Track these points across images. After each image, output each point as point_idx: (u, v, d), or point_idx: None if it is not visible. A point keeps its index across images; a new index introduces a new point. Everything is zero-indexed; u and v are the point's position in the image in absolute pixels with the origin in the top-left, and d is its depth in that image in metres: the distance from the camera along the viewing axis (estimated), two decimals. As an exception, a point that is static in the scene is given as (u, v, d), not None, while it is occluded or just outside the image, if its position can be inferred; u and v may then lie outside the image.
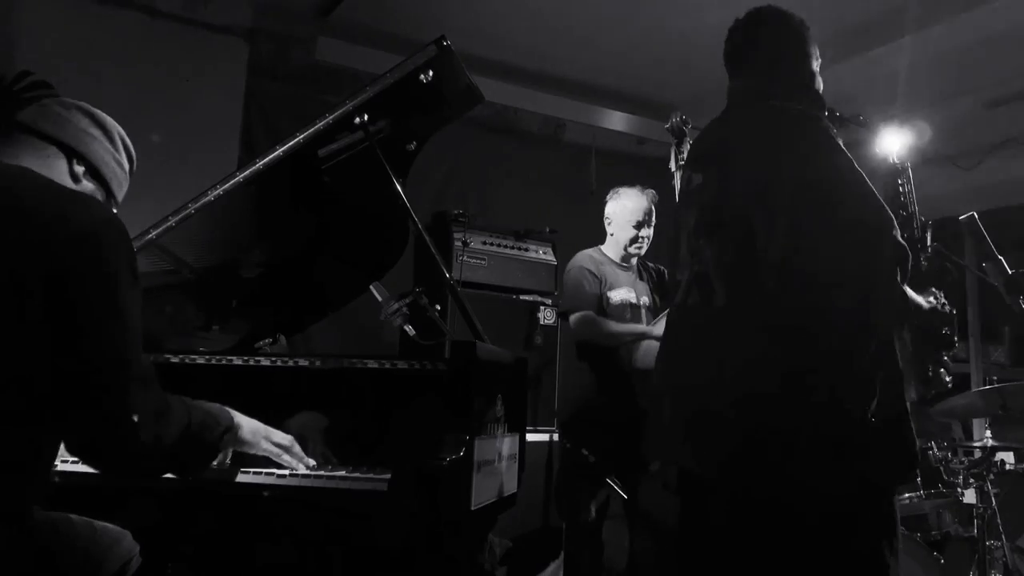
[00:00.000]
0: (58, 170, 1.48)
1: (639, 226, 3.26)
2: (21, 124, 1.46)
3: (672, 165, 3.13)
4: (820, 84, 1.90)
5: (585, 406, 3.16)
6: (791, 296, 1.62)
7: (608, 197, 3.39)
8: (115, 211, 1.61)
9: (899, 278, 1.61)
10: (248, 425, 1.61)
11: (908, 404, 1.68)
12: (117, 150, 1.58)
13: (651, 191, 3.34)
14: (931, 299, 1.85)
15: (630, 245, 3.27)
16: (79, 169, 1.51)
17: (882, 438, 1.60)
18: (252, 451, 1.63)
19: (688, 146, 3.01)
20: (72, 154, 1.49)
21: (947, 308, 1.87)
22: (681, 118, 3.08)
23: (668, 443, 1.82)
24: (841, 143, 1.68)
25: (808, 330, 1.60)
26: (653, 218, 3.30)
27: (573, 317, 3.17)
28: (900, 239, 1.59)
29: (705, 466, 1.71)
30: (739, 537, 1.67)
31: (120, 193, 1.62)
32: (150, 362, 1.40)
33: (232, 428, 1.55)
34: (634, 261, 3.33)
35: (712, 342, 1.73)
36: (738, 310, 1.68)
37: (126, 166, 1.61)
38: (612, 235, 3.33)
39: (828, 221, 1.59)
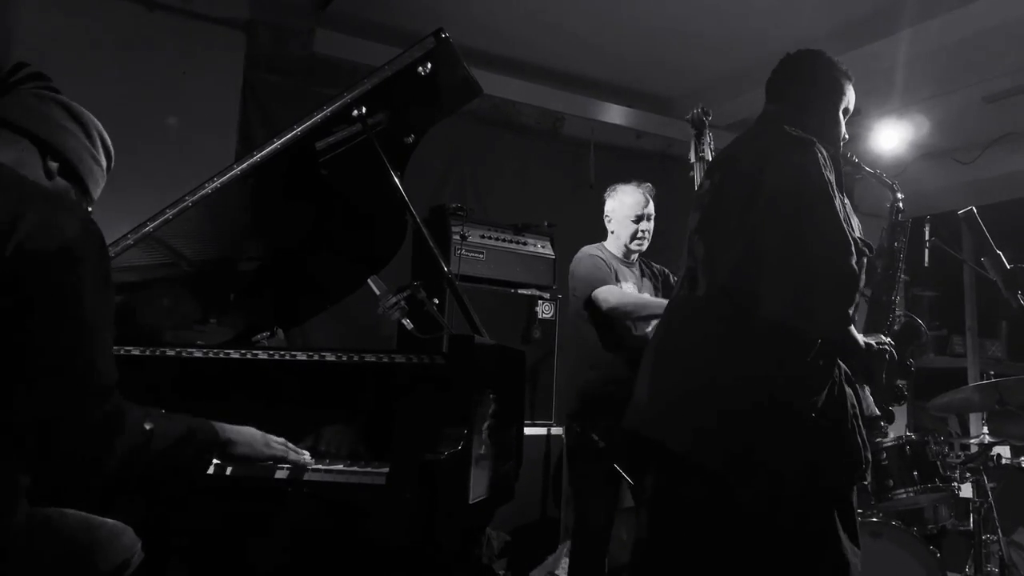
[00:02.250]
0: (31, 165, 1.40)
1: (638, 220, 3.23)
2: None
3: (692, 156, 3.12)
4: (841, 128, 2.05)
5: (596, 395, 3.15)
6: (746, 293, 1.77)
7: (606, 195, 3.36)
8: (90, 209, 1.55)
9: (844, 300, 1.71)
10: (243, 439, 1.59)
11: (858, 414, 1.83)
12: (95, 146, 1.50)
13: (648, 185, 3.31)
14: (873, 341, 1.92)
15: (631, 241, 3.25)
16: (53, 165, 1.43)
17: (827, 439, 1.76)
18: (256, 462, 1.64)
19: (708, 137, 3.05)
20: (47, 149, 1.41)
21: (893, 357, 1.92)
22: (702, 109, 3.06)
23: (645, 417, 1.98)
24: (829, 173, 1.79)
25: (760, 325, 1.75)
26: (652, 211, 3.28)
27: (600, 292, 3.07)
28: (852, 265, 1.69)
29: (675, 442, 1.87)
30: (708, 513, 1.81)
31: (96, 191, 1.55)
32: (114, 373, 1.34)
33: (216, 448, 1.53)
34: (635, 258, 3.31)
35: (689, 331, 1.92)
36: (707, 304, 1.87)
37: (103, 163, 1.53)
38: (613, 232, 3.31)
39: (792, 233, 1.72)
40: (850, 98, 2.08)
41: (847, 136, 2.08)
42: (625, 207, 3.25)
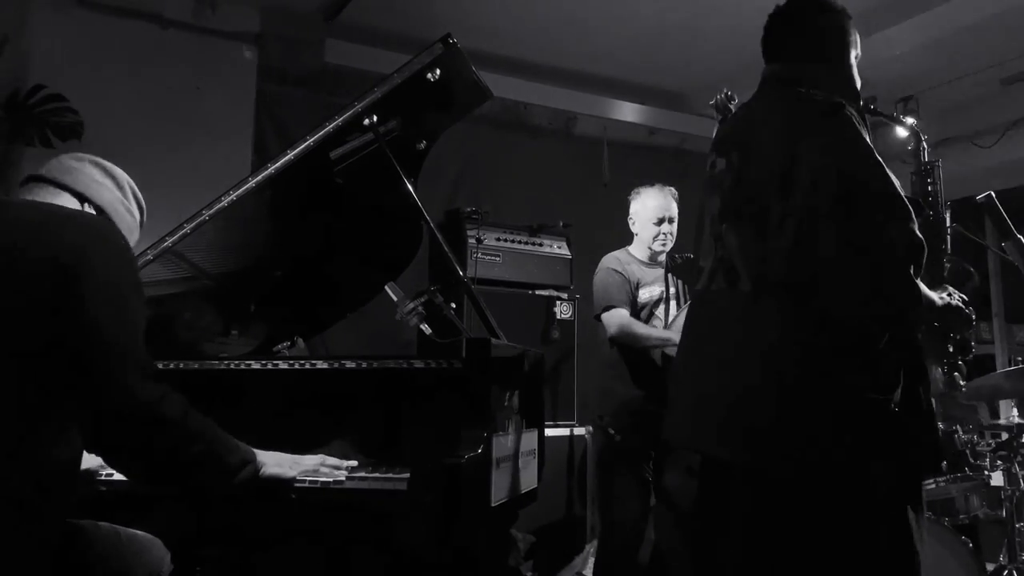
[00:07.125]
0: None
1: (660, 222, 3.27)
2: (38, 176, 1.59)
3: None
4: (855, 75, 1.88)
5: (621, 401, 3.18)
6: (804, 284, 1.60)
7: (630, 197, 3.39)
8: None
9: (913, 272, 1.56)
10: (273, 460, 1.62)
11: (932, 398, 1.67)
12: (127, 197, 1.67)
13: (671, 188, 3.35)
14: (945, 295, 1.77)
15: (653, 242, 3.28)
16: (89, 211, 1.59)
17: (906, 428, 1.60)
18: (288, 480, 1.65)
19: None
20: (83, 199, 1.59)
21: (968, 310, 1.79)
22: (726, 94, 2.98)
23: (690, 429, 1.82)
24: (866, 133, 1.64)
25: (823, 317, 1.59)
26: (675, 214, 3.31)
27: (607, 315, 3.19)
28: (917, 232, 1.55)
29: (728, 450, 1.70)
30: (761, 521, 1.67)
31: (130, 239, 1.67)
32: (151, 358, 1.47)
33: (252, 464, 1.56)
34: (662, 258, 3.31)
35: (735, 327, 1.73)
36: (758, 296, 1.68)
37: (136, 214, 1.70)
38: (637, 234, 3.35)
39: (843, 210, 1.57)
40: (857, 41, 1.89)
41: (860, 82, 1.88)
42: (648, 209, 3.29)
